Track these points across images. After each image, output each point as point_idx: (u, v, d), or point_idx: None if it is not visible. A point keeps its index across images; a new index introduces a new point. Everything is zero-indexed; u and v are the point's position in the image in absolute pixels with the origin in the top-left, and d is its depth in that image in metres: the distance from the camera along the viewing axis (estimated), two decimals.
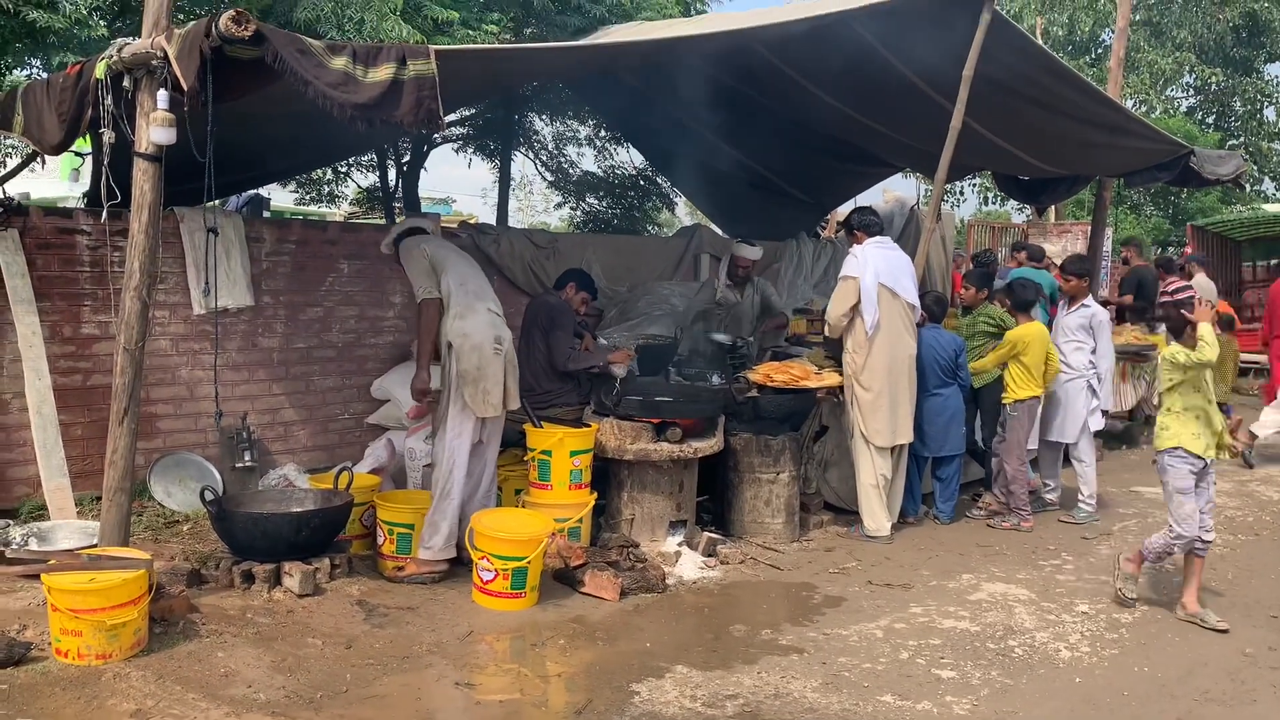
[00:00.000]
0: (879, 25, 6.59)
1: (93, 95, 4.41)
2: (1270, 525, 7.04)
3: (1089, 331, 7.10)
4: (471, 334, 5.19)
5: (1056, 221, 16.14)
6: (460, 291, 5.29)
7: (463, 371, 5.15)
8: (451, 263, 5.40)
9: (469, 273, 5.46)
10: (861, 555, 6.00)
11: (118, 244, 5.76)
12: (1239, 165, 9.00)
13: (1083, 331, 7.10)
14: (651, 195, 12.62)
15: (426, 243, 5.46)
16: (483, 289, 5.46)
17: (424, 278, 5.31)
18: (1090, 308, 7.19)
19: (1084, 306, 7.15)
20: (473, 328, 5.21)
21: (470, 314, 5.24)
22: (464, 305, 5.25)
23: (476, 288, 5.40)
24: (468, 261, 5.61)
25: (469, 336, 5.18)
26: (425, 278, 5.31)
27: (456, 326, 5.21)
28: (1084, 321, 7.11)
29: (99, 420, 5.67)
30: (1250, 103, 23.30)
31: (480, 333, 5.20)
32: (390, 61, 4.12)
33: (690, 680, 4.16)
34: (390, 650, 4.34)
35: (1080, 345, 7.09)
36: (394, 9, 6.50)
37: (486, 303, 5.37)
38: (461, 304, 5.25)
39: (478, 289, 5.41)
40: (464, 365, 5.15)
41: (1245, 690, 4.27)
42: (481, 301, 5.34)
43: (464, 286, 5.32)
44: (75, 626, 3.99)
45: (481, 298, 5.37)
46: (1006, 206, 23.35)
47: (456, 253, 5.60)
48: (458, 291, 5.28)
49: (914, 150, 9.27)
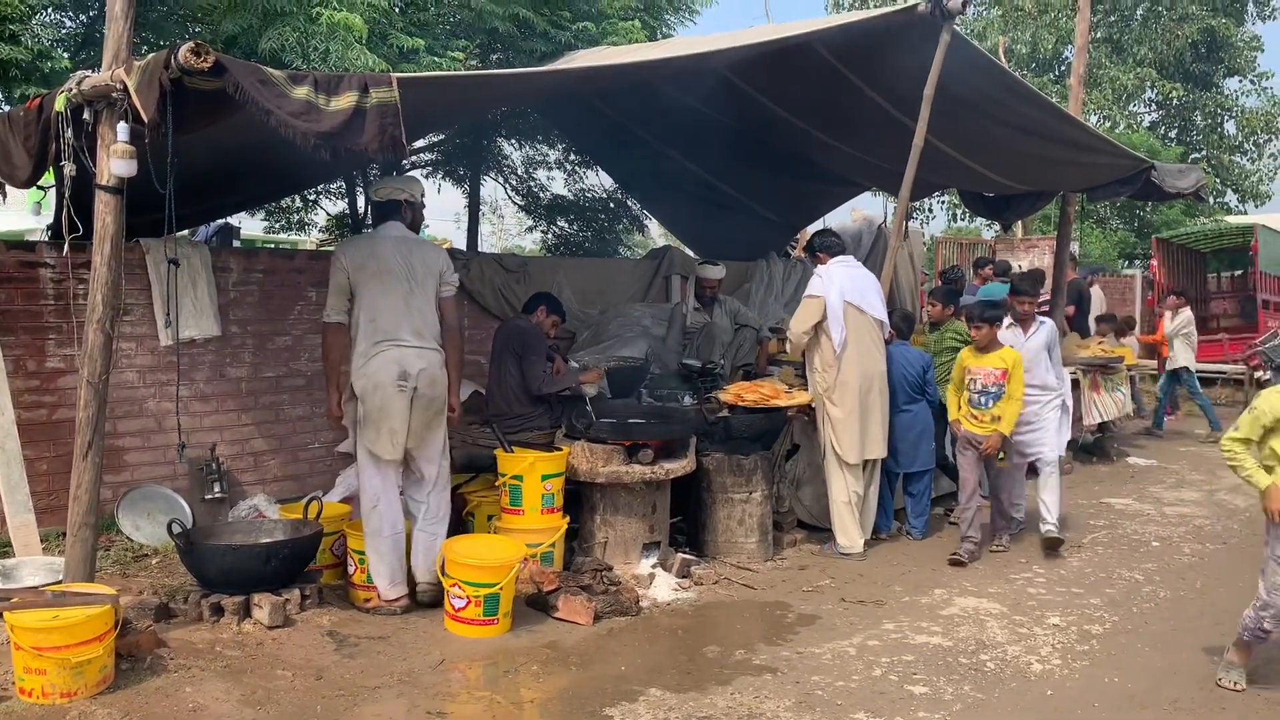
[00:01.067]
0: (842, 48, 6.68)
1: (54, 128, 4.39)
2: (1239, 534, 7.11)
3: (1049, 350, 6.83)
4: (374, 373, 4.92)
5: (1024, 237, 16.31)
6: (368, 329, 4.96)
7: (366, 413, 4.96)
8: (368, 291, 4.98)
9: (383, 303, 4.99)
10: (835, 572, 6.02)
11: (81, 276, 5.72)
12: (1199, 179, 9.14)
13: (1047, 351, 6.81)
14: (622, 218, 12.66)
15: (347, 251, 5.10)
16: (397, 320, 4.99)
17: (334, 295, 5.04)
18: (1047, 323, 6.94)
19: (1042, 324, 6.89)
20: (375, 368, 4.92)
21: (375, 354, 4.94)
22: (369, 344, 4.95)
23: (388, 321, 4.97)
24: (393, 281, 5.03)
25: (370, 377, 4.93)
26: (335, 295, 5.04)
27: (359, 368, 4.97)
28: (1047, 339, 6.83)
29: (64, 455, 5.62)
30: (1211, 116, 23.74)
31: (383, 371, 4.91)
32: (352, 90, 4.13)
33: (664, 703, 4.15)
34: (361, 680, 4.30)
35: (1050, 365, 6.80)
36: (359, 38, 6.51)
37: (399, 336, 4.97)
38: (367, 342, 4.95)
39: (389, 322, 4.98)
40: (366, 407, 4.95)
41: (1215, 699, 4.31)
42: (391, 338, 4.96)
43: (374, 323, 4.96)
44: (39, 665, 3.94)
45: (393, 333, 4.97)
46: (975, 223, 23.59)
47: (377, 272, 5.01)
48: (366, 329, 4.97)
49: (880, 169, 9.36)
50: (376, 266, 5.03)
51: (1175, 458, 10.14)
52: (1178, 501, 8.13)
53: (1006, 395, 6.29)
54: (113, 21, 4.27)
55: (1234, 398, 14.67)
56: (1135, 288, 18.57)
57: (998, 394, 6.31)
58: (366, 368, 4.95)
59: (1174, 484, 8.85)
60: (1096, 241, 22.19)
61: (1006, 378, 6.29)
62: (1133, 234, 23.42)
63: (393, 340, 4.98)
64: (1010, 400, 6.28)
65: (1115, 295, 18.01)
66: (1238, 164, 24.01)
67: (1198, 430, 11.97)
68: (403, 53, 6.97)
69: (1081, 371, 9.44)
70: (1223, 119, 23.77)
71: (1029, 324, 6.81)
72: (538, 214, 12.71)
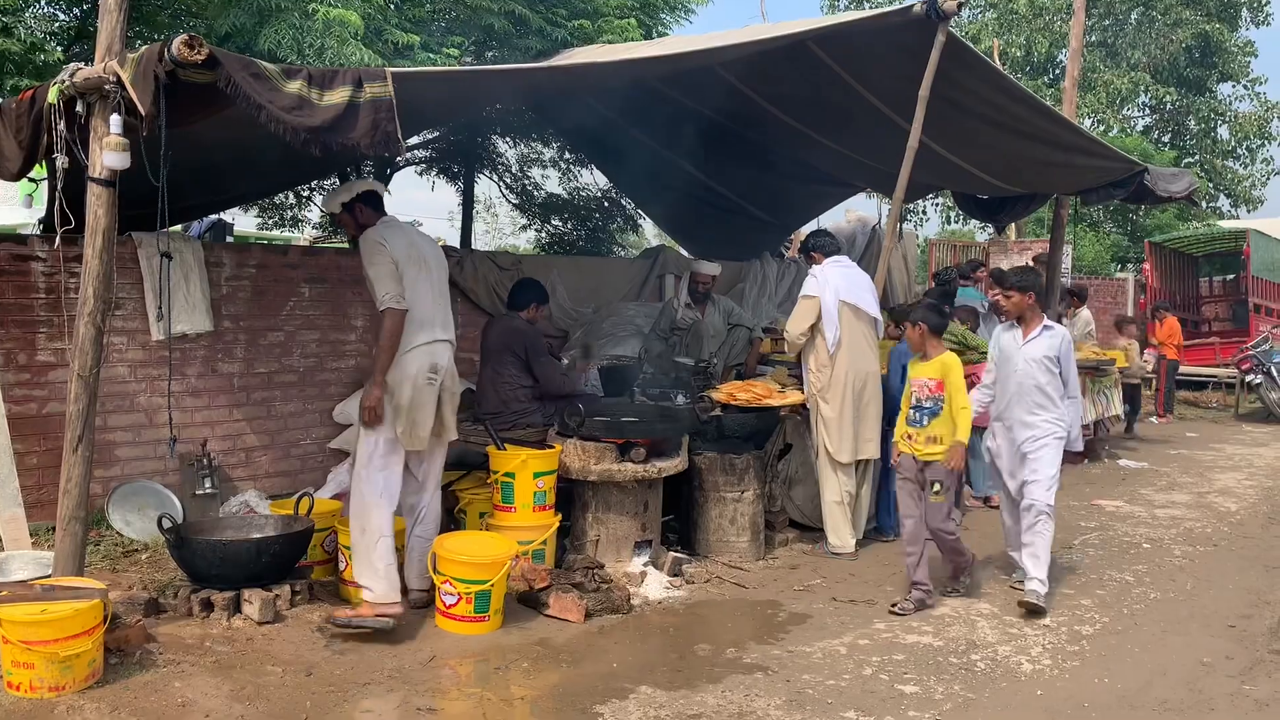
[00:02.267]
0: (837, 48, 6.68)
1: (46, 121, 4.38)
2: (1228, 536, 7.14)
3: (1057, 361, 5.55)
4: (407, 365, 4.84)
5: (1017, 239, 16.34)
6: (408, 324, 4.85)
7: (396, 405, 4.84)
8: (409, 280, 4.87)
9: (424, 293, 4.95)
10: (826, 572, 6.02)
11: (73, 270, 5.72)
12: (1191, 183, 9.18)
13: (1053, 363, 5.54)
14: (616, 217, 12.67)
15: (391, 238, 4.88)
16: (432, 313, 4.98)
17: (391, 281, 4.79)
18: (1056, 330, 5.62)
19: (1048, 329, 5.59)
20: (409, 360, 4.85)
21: (410, 346, 4.86)
22: (406, 336, 4.85)
23: (425, 313, 4.93)
24: (427, 272, 5.01)
25: (403, 369, 4.83)
26: (392, 281, 4.79)
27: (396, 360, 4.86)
28: (1052, 349, 5.55)
29: (55, 449, 5.58)
30: (1204, 121, 23.83)
31: (415, 363, 4.86)
32: (346, 85, 4.12)
33: (654, 701, 4.15)
34: (351, 676, 4.29)
35: (1055, 382, 5.54)
36: (355, 34, 6.50)
37: (432, 331, 4.95)
38: (405, 335, 4.86)
39: (426, 315, 4.93)
40: (397, 399, 4.84)
41: (1203, 699, 4.32)
42: (426, 330, 4.92)
43: (411, 313, 4.86)
44: (27, 659, 3.92)
45: (427, 325, 4.93)
46: (969, 226, 23.66)
47: (418, 262, 4.96)
48: (407, 321, 4.87)
49: (874, 170, 9.37)
50: (416, 255, 4.97)
51: (1166, 460, 10.17)
52: (1168, 504, 8.16)
53: (946, 408, 5.32)
54: (106, 14, 4.25)
55: (1226, 401, 14.74)
56: (1128, 291, 18.63)
57: (934, 409, 5.34)
58: (401, 359, 4.85)
59: (1164, 486, 8.88)
60: (1090, 245, 22.28)
61: (943, 389, 5.35)
62: (1125, 237, 23.53)
63: (428, 332, 4.93)
64: (958, 410, 5.29)
65: (1108, 299, 18.08)
66: (1230, 169, 24.11)
67: (1189, 434, 12.02)
68: (398, 49, 6.97)
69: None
70: (1216, 124, 23.87)
71: (1030, 325, 5.60)
72: (532, 212, 12.71)
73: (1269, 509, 8.04)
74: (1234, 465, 9.99)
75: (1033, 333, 5.59)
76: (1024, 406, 5.55)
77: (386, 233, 4.91)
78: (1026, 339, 5.60)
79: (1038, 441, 5.51)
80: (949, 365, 5.39)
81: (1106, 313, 17.72)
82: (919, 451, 5.40)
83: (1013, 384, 5.60)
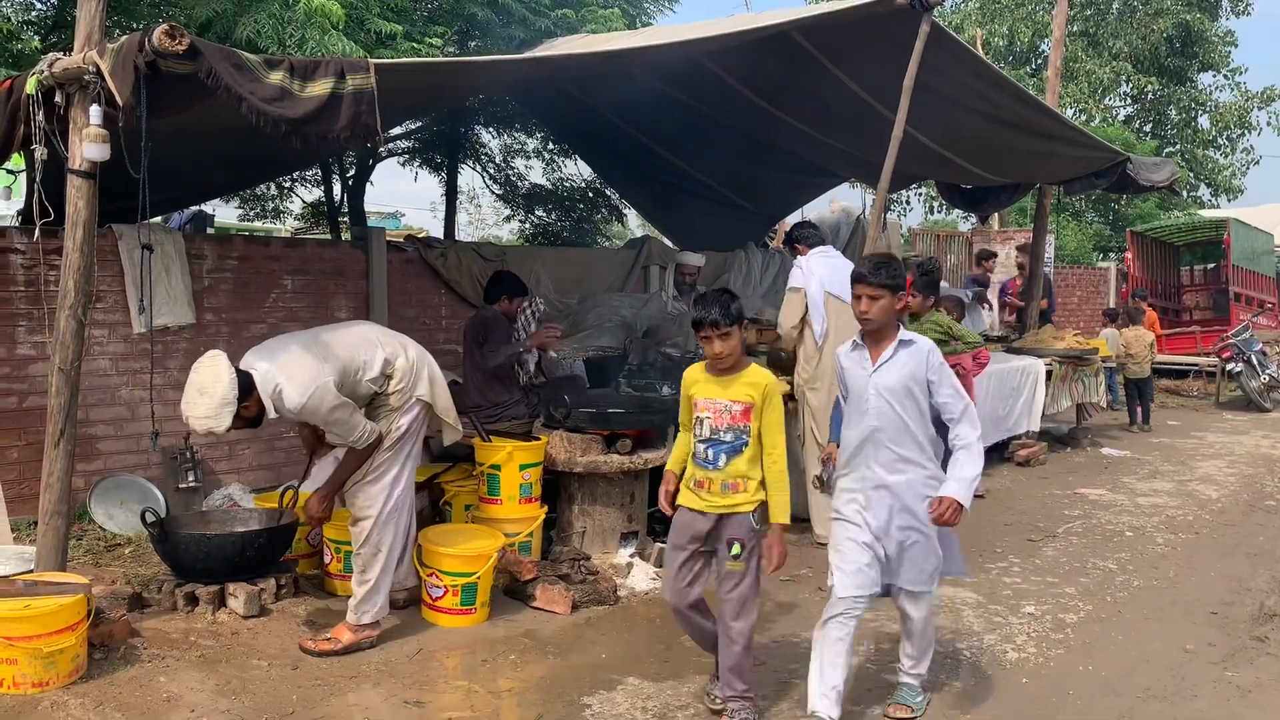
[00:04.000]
0: (821, 38, 6.67)
1: (24, 111, 4.32)
2: (1210, 524, 7.19)
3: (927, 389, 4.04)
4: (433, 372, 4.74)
5: (1000, 229, 16.41)
6: (402, 373, 4.56)
7: (442, 409, 4.77)
8: (349, 359, 4.39)
9: (356, 344, 4.48)
10: (812, 562, 6.03)
11: (53, 262, 5.64)
12: (1173, 172, 9.25)
13: (920, 390, 4.00)
14: (600, 207, 12.64)
15: (324, 376, 4.22)
16: (379, 338, 4.60)
17: (352, 413, 4.34)
18: (918, 344, 3.83)
19: (907, 345, 3.82)
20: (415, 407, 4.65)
21: (415, 371, 4.63)
22: (406, 393, 4.58)
23: (369, 352, 4.48)
24: (343, 334, 4.56)
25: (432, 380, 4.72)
26: (353, 413, 4.35)
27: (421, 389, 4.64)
28: (914, 373, 3.83)
29: (35, 443, 5.55)
30: (1185, 111, 23.95)
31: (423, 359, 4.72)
32: (329, 76, 4.09)
33: (642, 692, 4.15)
34: (338, 670, 4.27)
35: (924, 418, 4.11)
36: (336, 24, 6.45)
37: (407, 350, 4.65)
38: (406, 389, 4.58)
39: (374, 340, 4.56)
40: (441, 402, 4.76)
41: (1186, 686, 4.35)
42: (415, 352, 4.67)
43: (404, 360, 4.58)
44: (10, 655, 3.89)
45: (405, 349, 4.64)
46: (952, 215, 23.73)
47: (338, 345, 4.42)
48: (400, 374, 4.55)
49: (858, 160, 9.38)
50: (335, 343, 4.52)
51: (1148, 449, 10.24)
52: (1151, 492, 8.21)
53: (751, 446, 3.74)
54: (85, 3, 4.20)
55: (1207, 389, 14.85)
56: (1110, 280, 18.72)
57: (735, 445, 3.74)
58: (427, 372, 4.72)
59: (1147, 475, 8.94)
60: (1072, 234, 22.37)
61: (753, 416, 3.74)
62: (1107, 227, 23.64)
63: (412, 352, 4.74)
64: (770, 460, 3.75)
65: (1089, 288, 18.17)
66: (1211, 158, 24.24)
67: (1171, 422, 12.10)
68: (380, 38, 6.92)
69: (1057, 363, 9.53)
70: (1196, 113, 23.99)
71: (881, 341, 3.82)
72: (516, 203, 12.67)
73: (1250, 496, 8.11)
74: (1215, 453, 10.07)
75: (884, 353, 3.81)
76: (880, 459, 3.80)
77: (322, 393, 4.22)
78: (876, 363, 3.81)
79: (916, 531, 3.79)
80: (765, 385, 3.76)
81: (1089, 302, 17.82)
82: (713, 504, 3.78)
83: (864, 425, 3.83)
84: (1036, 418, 9.16)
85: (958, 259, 16.06)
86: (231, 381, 4.01)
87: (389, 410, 4.55)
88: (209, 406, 3.98)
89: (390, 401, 4.55)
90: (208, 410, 3.98)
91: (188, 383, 4.08)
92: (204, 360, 4.10)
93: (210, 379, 4.01)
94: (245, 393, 4.06)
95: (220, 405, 3.98)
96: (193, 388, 4.04)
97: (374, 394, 4.51)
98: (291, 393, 4.12)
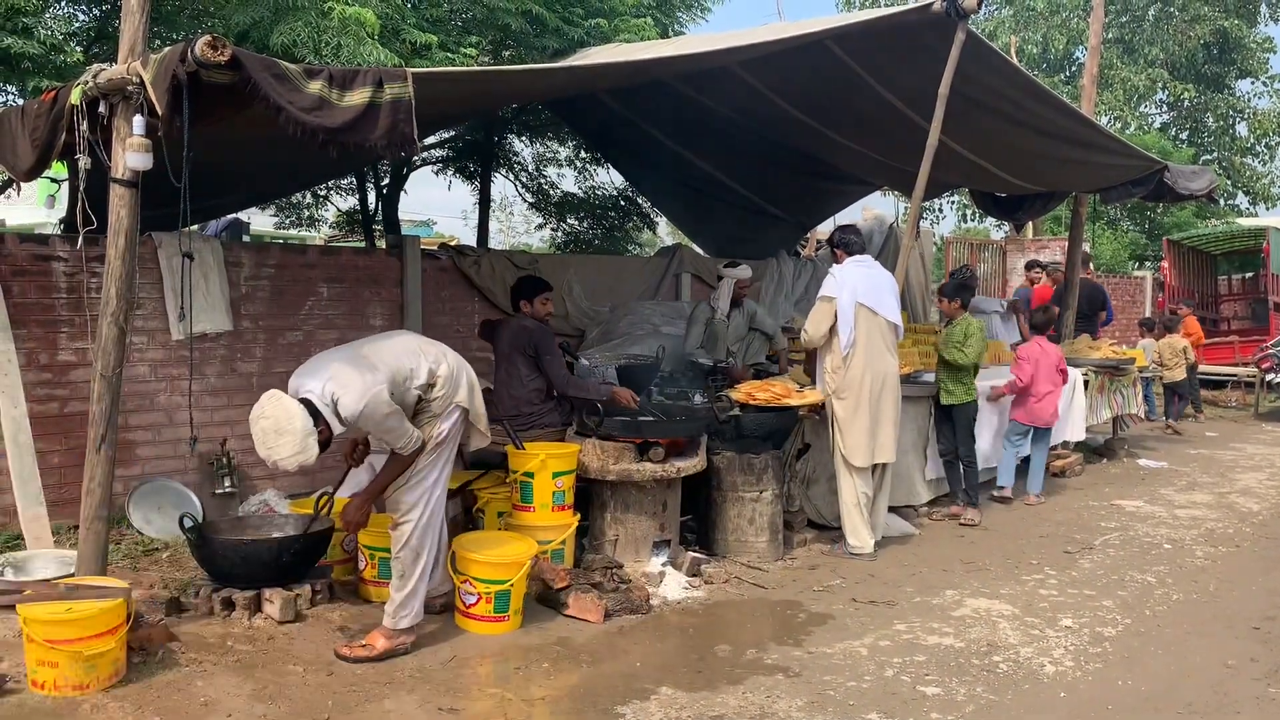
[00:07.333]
0: (855, 46, 6.65)
1: (67, 121, 4.38)
2: (1251, 537, 7.08)
3: None
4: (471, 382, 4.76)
5: (1034, 238, 16.27)
6: (445, 380, 4.59)
7: (476, 415, 4.81)
8: (397, 368, 4.42)
9: (401, 353, 4.52)
10: (846, 573, 6.00)
11: (94, 270, 5.74)
12: (1212, 180, 9.12)
13: None
14: (632, 215, 12.66)
15: (377, 384, 4.27)
16: (412, 349, 4.60)
17: (402, 420, 4.38)
18: None
19: None
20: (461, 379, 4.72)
21: (455, 378, 4.68)
22: (445, 399, 4.62)
23: (410, 361, 4.51)
24: (386, 344, 4.60)
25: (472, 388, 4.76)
26: (403, 419, 4.38)
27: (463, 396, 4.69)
28: None
29: (76, 448, 5.63)
30: (1222, 118, 23.68)
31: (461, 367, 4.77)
32: (367, 85, 4.11)
33: (675, 701, 4.14)
34: (372, 676, 4.29)
35: None
36: (371, 33, 6.51)
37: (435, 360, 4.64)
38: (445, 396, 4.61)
39: (409, 354, 4.55)
40: (477, 409, 4.81)
41: (1228, 702, 4.28)
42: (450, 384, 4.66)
43: (445, 374, 4.61)
44: (51, 658, 3.94)
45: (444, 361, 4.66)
46: (985, 224, 23.56)
47: (383, 354, 4.45)
48: (443, 381, 4.60)
49: (892, 168, 9.34)
50: (378, 354, 4.58)
51: (1186, 460, 10.10)
52: (1189, 504, 8.10)
53: None
54: (129, 15, 4.26)
55: (1245, 400, 14.63)
56: (1146, 289, 18.52)
57: None
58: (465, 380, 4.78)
59: (1185, 486, 8.81)
60: (1107, 243, 22.16)
61: None
62: (1143, 235, 23.38)
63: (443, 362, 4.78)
64: None
65: (1125, 297, 17.98)
66: (1249, 166, 23.95)
67: (1209, 433, 11.94)
68: (415, 48, 6.97)
69: (1093, 373, 9.42)
70: (1234, 121, 23.72)
71: None
72: (547, 211, 12.71)
73: None
74: (1255, 465, 9.91)
75: None
76: None
77: (376, 402, 4.25)
78: None
79: None
80: None
81: (1125, 311, 17.62)
82: None
83: None
84: (1080, 427, 9.03)
85: (989, 267, 15.94)
86: (304, 412, 4.02)
87: (430, 416, 4.59)
88: (294, 443, 3.97)
89: (432, 407, 4.59)
90: (294, 446, 3.97)
91: (256, 429, 4.04)
92: (265, 402, 4.08)
93: (283, 417, 4.00)
94: (315, 417, 4.07)
95: (304, 437, 3.98)
96: (267, 432, 4.01)
97: (419, 400, 4.56)
98: (348, 401, 4.14)
